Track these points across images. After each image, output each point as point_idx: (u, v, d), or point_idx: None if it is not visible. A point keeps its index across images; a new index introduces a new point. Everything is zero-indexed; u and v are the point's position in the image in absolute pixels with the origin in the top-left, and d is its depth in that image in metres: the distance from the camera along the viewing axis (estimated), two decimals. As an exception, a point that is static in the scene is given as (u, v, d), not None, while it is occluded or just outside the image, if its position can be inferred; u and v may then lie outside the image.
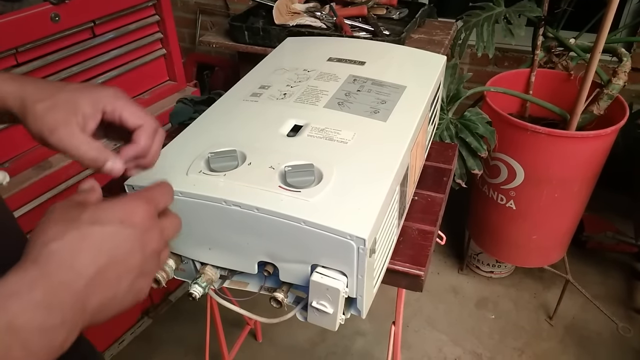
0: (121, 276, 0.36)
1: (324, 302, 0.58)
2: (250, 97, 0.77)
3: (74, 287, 0.33)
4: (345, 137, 0.66)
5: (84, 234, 0.34)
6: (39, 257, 0.32)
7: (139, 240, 0.37)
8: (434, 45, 1.43)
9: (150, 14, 1.35)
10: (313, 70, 0.83)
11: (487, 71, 1.99)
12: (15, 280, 0.31)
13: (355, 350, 1.56)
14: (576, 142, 1.31)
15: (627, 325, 1.58)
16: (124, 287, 0.36)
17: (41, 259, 0.32)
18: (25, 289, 0.31)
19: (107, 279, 0.35)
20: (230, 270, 0.67)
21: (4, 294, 0.30)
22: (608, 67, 1.60)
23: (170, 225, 0.42)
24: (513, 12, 1.40)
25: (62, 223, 0.34)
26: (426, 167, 0.90)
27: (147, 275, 0.39)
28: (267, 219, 0.56)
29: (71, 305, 0.32)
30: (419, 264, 0.71)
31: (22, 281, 0.31)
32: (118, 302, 0.36)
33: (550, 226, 1.50)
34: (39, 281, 0.31)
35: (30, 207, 1.13)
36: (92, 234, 0.34)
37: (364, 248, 0.53)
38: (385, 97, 0.76)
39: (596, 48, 1.20)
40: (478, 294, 1.74)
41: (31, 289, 0.31)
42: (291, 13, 1.51)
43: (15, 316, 0.30)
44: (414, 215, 0.79)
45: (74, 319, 0.33)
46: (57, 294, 0.32)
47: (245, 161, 0.62)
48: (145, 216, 0.38)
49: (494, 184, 1.47)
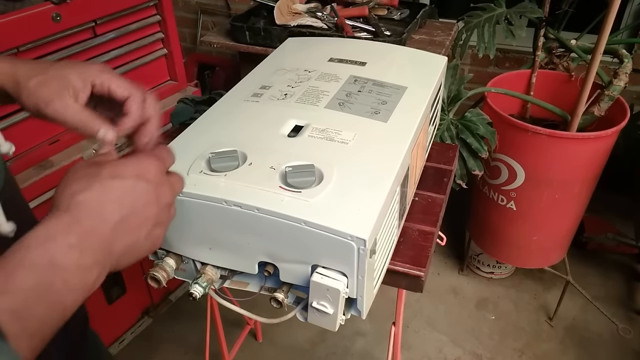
0: (141, 225, 0.40)
1: (324, 302, 0.58)
2: (251, 98, 0.77)
3: (101, 233, 0.37)
4: (346, 138, 0.67)
5: (107, 186, 0.39)
6: (70, 206, 0.37)
7: (154, 193, 0.41)
8: (435, 46, 1.43)
9: (151, 13, 1.35)
10: (314, 70, 0.83)
11: (488, 72, 1.99)
12: (51, 226, 0.36)
13: (356, 350, 1.56)
14: (577, 144, 1.31)
15: (628, 327, 1.58)
16: (143, 235, 0.41)
17: (72, 208, 0.37)
18: (61, 234, 0.35)
19: (129, 227, 0.39)
20: (231, 270, 0.67)
21: (43, 237, 0.35)
22: (609, 68, 1.60)
23: (177, 181, 0.46)
24: (514, 13, 1.40)
25: (85, 178, 0.39)
26: (427, 168, 0.90)
27: (162, 225, 0.43)
28: (268, 219, 0.56)
29: (100, 248, 0.37)
30: (419, 265, 0.71)
31: (57, 227, 0.36)
32: (138, 248, 0.41)
33: (551, 227, 1.50)
34: (72, 227, 0.36)
35: (32, 207, 1.13)
36: (113, 187, 0.39)
37: (364, 249, 0.53)
38: (386, 98, 0.76)
39: (597, 49, 1.20)
40: (478, 295, 1.74)
41: (66, 233, 0.35)
42: (292, 13, 1.51)
43: (55, 256, 0.34)
44: (414, 215, 0.79)
45: (103, 261, 0.37)
46: (88, 237, 0.36)
47: (246, 161, 0.62)
48: (158, 172, 0.42)
49: (495, 185, 1.47)
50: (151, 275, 0.64)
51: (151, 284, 0.64)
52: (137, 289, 1.51)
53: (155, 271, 0.64)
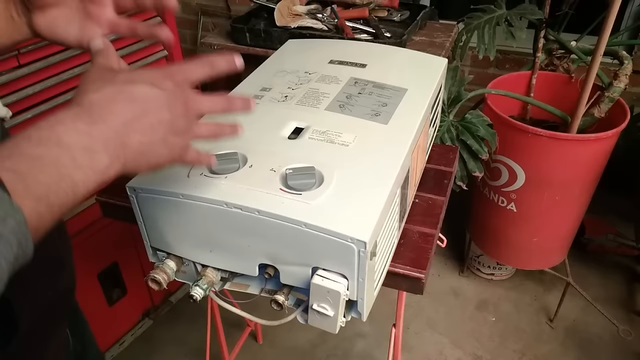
0: (154, 126, 0.41)
1: (325, 304, 0.58)
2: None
3: (112, 125, 0.38)
4: (346, 140, 0.67)
5: (120, 89, 0.40)
6: (82, 102, 0.39)
7: (166, 100, 0.41)
8: (435, 47, 1.43)
9: (151, 15, 1.35)
10: (314, 72, 0.83)
11: (489, 73, 1.99)
12: (62, 114, 0.37)
13: (356, 352, 1.56)
14: (577, 145, 1.31)
15: (628, 328, 1.58)
16: (158, 137, 0.41)
17: (84, 103, 0.38)
18: (70, 120, 0.37)
19: (142, 125, 0.40)
20: (231, 273, 0.67)
21: (53, 121, 0.37)
22: (609, 69, 1.60)
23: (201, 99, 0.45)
24: (514, 15, 1.40)
25: (99, 82, 0.40)
26: (427, 170, 0.90)
27: (180, 136, 0.43)
28: (268, 222, 0.56)
29: (112, 138, 0.38)
30: (420, 267, 0.71)
31: (67, 114, 0.37)
32: (155, 151, 0.41)
33: (551, 229, 1.50)
34: (81, 115, 0.38)
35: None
36: (126, 90, 0.40)
37: (364, 251, 0.53)
38: (386, 100, 0.76)
39: (597, 51, 1.20)
40: (479, 296, 1.73)
41: (75, 120, 0.37)
42: (292, 15, 1.51)
43: (61, 136, 0.36)
44: (414, 217, 0.79)
45: (115, 151, 0.38)
46: (98, 126, 0.38)
47: (246, 164, 0.62)
48: (172, 84, 0.42)
49: (495, 187, 1.47)
50: (152, 277, 0.64)
51: (152, 286, 0.64)
52: (138, 290, 1.51)
53: (155, 273, 0.64)
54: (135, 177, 0.62)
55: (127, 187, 0.62)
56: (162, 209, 0.62)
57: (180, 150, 0.44)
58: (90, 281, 1.34)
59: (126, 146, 0.39)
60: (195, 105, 0.44)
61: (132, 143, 0.39)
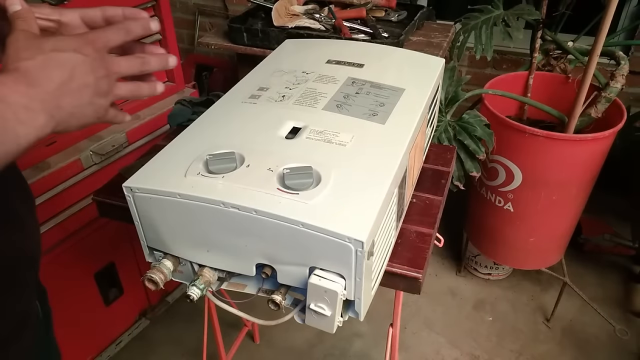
0: (81, 89, 0.46)
1: (322, 304, 0.58)
2: (249, 99, 0.77)
3: (47, 88, 0.43)
4: (344, 140, 0.67)
5: (49, 57, 0.44)
6: (19, 68, 0.43)
7: (90, 65, 0.46)
8: (432, 47, 1.43)
9: (149, 15, 1.35)
10: (312, 72, 0.83)
11: (486, 74, 1.99)
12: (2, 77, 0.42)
13: (353, 352, 1.56)
14: (574, 145, 1.31)
15: (625, 328, 1.58)
16: (85, 99, 0.46)
17: (20, 69, 0.43)
18: (12, 82, 0.42)
19: (72, 89, 0.45)
20: (228, 272, 0.67)
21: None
22: (606, 70, 1.60)
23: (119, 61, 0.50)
24: (511, 15, 1.41)
25: (29, 50, 0.44)
26: (424, 170, 0.91)
27: (103, 96, 0.48)
28: (266, 221, 0.56)
29: (47, 100, 0.43)
30: (417, 267, 0.71)
31: (7, 78, 0.42)
32: (83, 112, 0.47)
33: (548, 228, 1.50)
34: (20, 79, 0.42)
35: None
36: (56, 57, 0.45)
37: (362, 250, 0.53)
38: (383, 100, 0.76)
39: (594, 51, 1.20)
40: (476, 296, 1.74)
41: (16, 83, 0.42)
42: (290, 15, 1.51)
43: (5, 95, 0.41)
44: (412, 217, 0.80)
45: (50, 111, 0.43)
46: (35, 89, 0.43)
47: (243, 163, 0.62)
48: (93, 49, 0.47)
49: (492, 187, 1.47)
50: (148, 277, 0.64)
51: (148, 286, 0.64)
52: (135, 290, 1.51)
53: (152, 273, 0.64)
54: (132, 177, 0.62)
55: (124, 187, 0.62)
56: (158, 209, 0.61)
57: (103, 110, 0.49)
58: (87, 281, 1.33)
59: (60, 108, 0.44)
60: (114, 68, 0.49)
61: (65, 105, 0.45)
